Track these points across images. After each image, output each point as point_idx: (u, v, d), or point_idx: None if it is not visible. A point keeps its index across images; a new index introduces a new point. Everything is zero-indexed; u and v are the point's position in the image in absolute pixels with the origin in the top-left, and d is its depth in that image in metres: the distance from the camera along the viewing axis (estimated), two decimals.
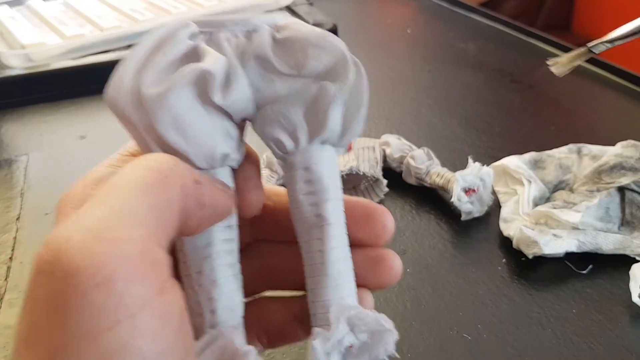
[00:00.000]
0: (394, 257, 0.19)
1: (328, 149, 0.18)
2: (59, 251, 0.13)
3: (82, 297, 0.12)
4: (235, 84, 0.17)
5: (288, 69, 0.17)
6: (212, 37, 0.17)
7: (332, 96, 0.17)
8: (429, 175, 0.39)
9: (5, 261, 0.37)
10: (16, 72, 0.57)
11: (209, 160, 0.17)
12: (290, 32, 0.17)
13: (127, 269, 0.13)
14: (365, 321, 0.17)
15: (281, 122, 0.18)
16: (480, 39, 0.67)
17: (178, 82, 0.16)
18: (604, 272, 0.33)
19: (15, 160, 0.48)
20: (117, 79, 0.17)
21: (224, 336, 0.17)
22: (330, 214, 0.18)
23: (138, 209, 0.14)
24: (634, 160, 0.37)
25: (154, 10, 0.69)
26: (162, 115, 0.16)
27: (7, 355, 0.30)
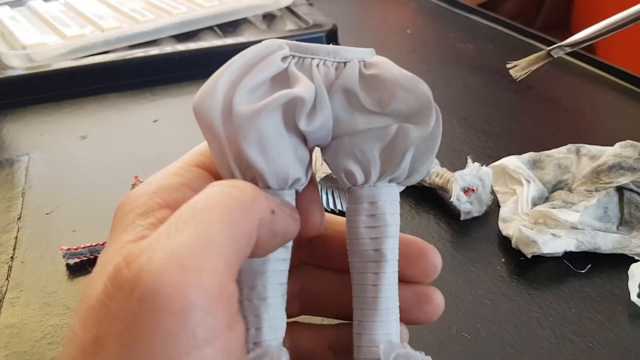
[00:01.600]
0: (440, 295, 0.20)
1: (393, 186, 0.19)
2: (140, 271, 0.13)
3: (157, 323, 0.12)
4: (320, 112, 0.17)
5: (372, 106, 0.18)
6: (303, 62, 0.18)
7: (412, 139, 0.18)
8: (428, 175, 0.40)
9: (6, 261, 0.37)
10: (17, 72, 0.57)
11: (281, 182, 0.18)
12: (379, 71, 0.18)
13: (205, 301, 0.13)
14: None
15: (356, 155, 0.18)
16: (480, 40, 0.68)
17: (271, 104, 0.17)
18: (603, 271, 0.34)
19: (17, 160, 0.49)
20: (208, 89, 0.17)
21: (272, 355, 0.17)
22: (389, 251, 0.18)
23: (221, 239, 0.14)
24: (632, 160, 0.37)
25: (155, 10, 0.69)
26: (250, 133, 0.17)
27: (8, 354, 0.30)
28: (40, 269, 0.36)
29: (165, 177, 0.17)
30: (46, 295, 0.34)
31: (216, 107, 0.17)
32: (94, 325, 0.13)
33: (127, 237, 0.15)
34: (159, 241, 0.13)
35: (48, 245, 0.38)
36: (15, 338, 0.31)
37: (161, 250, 0.13)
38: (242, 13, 0.69)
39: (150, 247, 0.13)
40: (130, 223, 0.16)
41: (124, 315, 0.13)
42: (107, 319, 0.13)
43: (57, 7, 0.72)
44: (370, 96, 0.18)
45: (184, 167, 0.18)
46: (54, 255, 0.37)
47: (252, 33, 0.66)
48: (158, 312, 0.12)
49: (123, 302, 0.13)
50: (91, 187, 0.43)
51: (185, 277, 0.13)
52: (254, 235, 0.15)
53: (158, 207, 0.16)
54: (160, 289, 0.12)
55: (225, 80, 0.17)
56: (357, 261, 0.18)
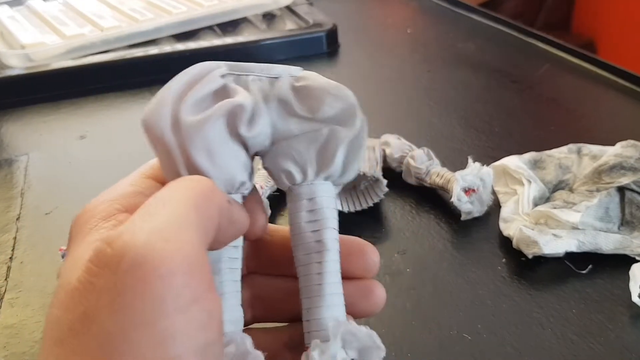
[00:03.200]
0: (381, 288, 0.21)
1: (329, 184, 0.21)
2: (124, 246, 0.14)
3: (144, 288, 0.14)
4: (259, 119, 0.19)
5: (305, 112, 0.20)
6: (239, 78, 0.20)
7: (341, 139, 0.20)
8: (429, 175, 0.39)
9: (5, 261, 0.37)
10: (16, 72, 0.57)
11: (228, 186, 0.19)
12: (308, 82, 0.20)
13: (187, 265, 0.14)
14: (358, 337, 0.19)
15: (294, 156, 0.20)
16: (480, 39, 0.67)
17: (216, 112, 0.19)
18: (604, 272, 0.33)
19: (16, 160, 0.48)
20: (156, 104, 0.19)
21: (236, 341, 0.18)
22: (329, 241, 0.20)
23: (192, 219, 0.15)
24: (633, 160, 0.37)
25: (154, 10, 0.69)
26: (197, 140, 0.18)
27: (7, 355, 0.30)
28: (40, 270, 0.36)
29: (121, 186, 0.19)
30: (45, 295, 0.34)
31: (165, 119, 0.19)
32: (80, 303, 0.14)
33: (93, 237, 0.16)
34: (135, 223, 0.15)
35: (47, 245, 0.38)
36: (14, 338, 0.31)
37: (141, 228, 0.14)
38: (241, 12, 0.69)
39: (129, 229, 0.15)
40: (93, 227, 0.17)
41: (112, 288, 0.14)
42: (93, 295, 0.14)
43: (56, 6, 0.72)
44: (302, 104, 0.20)
45: (138, 179, 0.20)
46: (53, 255, 0.37)
47: (251, 32, 0.66)
48: (145, 278, 0.13)
49: (109, 277, 0.14)
50: (90, 187, 0.43)
51: (166, 246, 0.14)
52: (216, 220, 0.17)
53: (117, 212, 0.17)
54: (146, 258, 0.14)
55: (170, 96, 0.19)
56: (302, 254, 0.20)
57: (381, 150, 0.42)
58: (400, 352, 0.29)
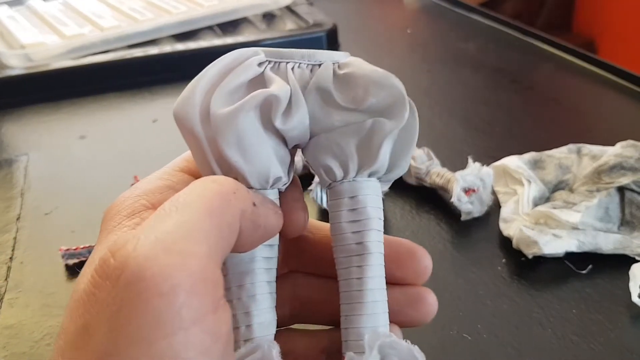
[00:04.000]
0: (433, 296, 0.20)
1: (374, 181, 0.19)
2: (126, 258, 0.13)
3: (144, 305, 0.13)
4: (296, 111, 0.18)
5: (347, 103, 0.18)
6: (278, 66, 0.18)
7: (387, 132, 0.18)
8: (429, 175, 0.39)
9: (5, 261, 0.37)
10: (16, 72, 0.57)
11: (262, 181, 0.18)
12: (352, 69, 0.18)
13: (190, 282, 0.13)
14: (398, 350, 0.17)
15: (334, 151, 0.18)
16: (481, 39, 0.67)
17: (247, 104, 0.17)
18: (604, 272, 0.33)
19: (15, 160, 0.48)
20: (187, 95, 0.18)
21: (263, 349, 0.17)
22: (372, 244, 0.18)
23: (203, 227, 0.14)
24: (633, 160, 0.37)
25: (154, 10, 0.69)
26: (228, 134, 0.17)
27: (7, 355, 0.30)
28: (39, 270, 0.36)
29: (151, 181, 0.18)
30: (45, 296, 0.34)
31: (195, 111, 0.17)
32: (82, 315, 0.14)
33: (114, 237, 0.16)
34: (143, 231, 0.14)
35: (47, 245, 0.38)
36: (14, 339, 0.31)
37: (145, 238, 0.14)
38: (241, 12, 0.69)
39: (134, 237, 0.14)
40: (116, 224, 0.16)
41: (112, 302, 0.13)
42: (94, 308, 0.14)
43: (56, 6, 0.72)
44: (345, 93, 0.18)
45: (169, 172, 0.19)
46: (53, 255, 0.37)
47: (251, 32, 0.66)
48: (145, 294, 0.13)
49: (110, 289, 0.13)
50: (90, 187, 0.43)
51: (170, 260, 0.13)
52: (236, 226, 0.16)
53: (144, 208, 0.17)
54: (147, 272, 0.13)
55: (203, 85, 0.18)
56: (341, 256, 0.19)
57: None
58: None
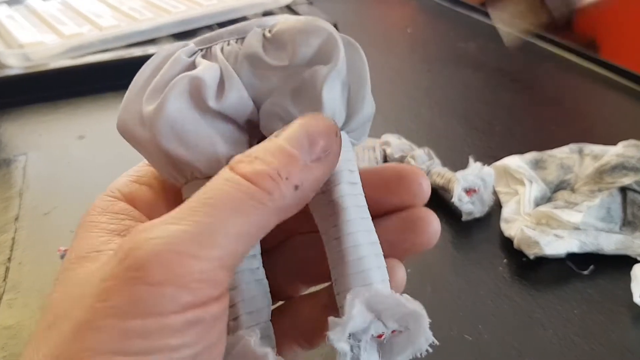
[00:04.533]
0: (432, 215, 0.18)
1: None
2: (136, 246, 0.14)
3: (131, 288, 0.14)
4: (229, 88, 0.17)
5: (279, 61, 0.17)
6: (210, 51, 0.18)
7: (323, 77, 0.17)
8: (430, 175, 0.39)
9: (3, 262, 0.37)
10: (14, 71, 0.57)
11: (214, 165, 0.17)
12: (278, 27, 0.18)
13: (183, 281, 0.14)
14: (388, 303, 0.16)
15: (280, 115, 0.17)
16: (481, 39, 0.67)
17: (171, 92, 0.17)
18: (606, 272, 0.33)
19: (14, 160, 0.48)
20: (124, 104, 0.18)
21: (243, 340, 0.16)
22: (343, 199, 0.17)
23: (221, 232, 0.14)
24: (635, 160, 0.36)
25: (153, 9, 0.69)
26: (161, 127, 0.17)
27: (6, 355, 0.30)
28: (38, 270, 0.36)
29: (118, 179, 0.19)
30: (44, 296, 0.34)
31: (132, 117, 0.17)
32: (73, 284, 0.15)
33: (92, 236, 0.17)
34: (161, 224, 0.15)
35: (46, 246, 0.38)
36: (12, 339, 0.31)
37: (160, 232, 0.14)
38: (241, 11, 0.68)
39: (150, 229, 0.14)
40: (89, 223, 0.17)
41: (105, 277, 0.14)
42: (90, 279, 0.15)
43: (54, 5, 0.72)
44: (277, 53, 0.17)
45: (136, 168, 0.19)
46: (51, 256, 0.36)
47: None
48: (136, 280, 0.14)
49: (112, 266, 0.14)
50: (89, 187, 0.43)
51: (171, 258, 0.14)
52: (270, 226, 0.15)
53: (113, 200, 0.18)
54: (146, 264, 0.14)
55: (137, 90, 0.18)
56: (319, 220, 0.18)
57: (381, 150, 0.42)
58: None
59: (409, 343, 0.16)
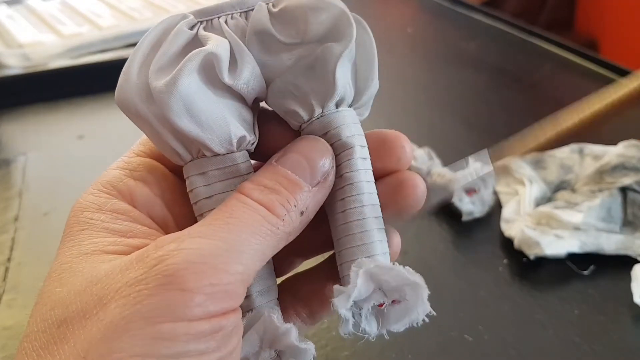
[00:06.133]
0: (417, 177, 0.18)
1: (345, 111, 0.18)
2: (168, 255, 0.15)
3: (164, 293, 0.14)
4: (242, 63, 0.17)
5: (291, 38, 0.17)
6: (211, 24, 0.17)
7: (337, 55, 0.17)
8: (430, 175, 0.39)
9: (3, 262, 0.37)
10: (14, 71, 0.57)
11: (226, 144, 0.17)
12: (286, 3, 0.17)
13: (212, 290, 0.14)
14: (390, 274, 0.17)
15: (292, 92, 0.17)
16: (482, 38, 0.67)
17: (185, 68, 0.16)
18: (606, 272, 0.33)
19: (14, 160, 0.48)
20: (123, 78, 0.17)
21: (264, 316, 0.17)
22: (353, 174, 0.17)
23: (244, 250, 0.15)
24: (636, 160, 0.36)
25: (153, 9, 0.69)
26: (174, 104, 0.16)
27: (5, 356, 0.30)
28: (38, 271, 0.36)
29: (108, 172, 0.18)
30: None
31: (134, 92, 0.17)
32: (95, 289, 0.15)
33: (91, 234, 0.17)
34: (190, 236, 0.15)
35: (45, 246, 0.38)
36: (12, 340, 0.31)
37: (190, 244, 0.15)
38: None
39: (181, 240, 0.15)
40: (87, 221, 0.17)
41: (134, 282, 0.14)
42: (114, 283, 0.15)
43: (54, 5, 0.72)
44: (286, 30, 0.17)
45: (126, 160, 0.19)
46: (51, 256, 0.36)
47: None
48: (169, 285, 0.14)
49: (140, 272, 0.14)
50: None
51: (202, 269, 0.14)
52: (281, 245, 0.17)
53: (108, 199, 0.17)
54: (179, 271, 0.14)
55: (136, 63, 0.17)
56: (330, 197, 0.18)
57: None
58: (401, 353, 0.29)
59: (406, 313, 0.17)
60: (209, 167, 0.17)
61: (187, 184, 0.18)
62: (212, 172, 0.17)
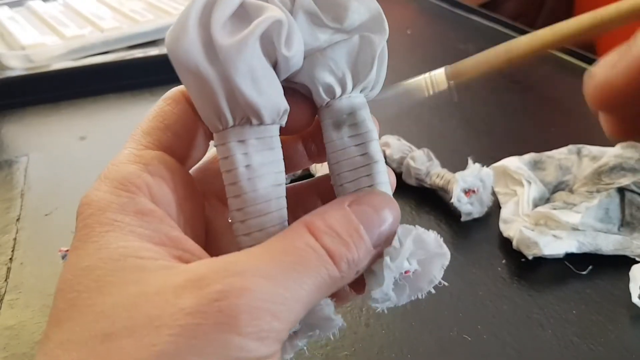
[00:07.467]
0: None
1: (363, 97, 0.19)
2: (232, 296, 0.14)
3: (222, 335, 0.14)
4: (294, 36, 0.17)
5: (332, 22, 0.18)
6: None
7: (377, 46, 0.18)
8: (429, 176, 0.39)
9: (5, 262, 0.37)
10: (16, 73, 0.57)
11: (274, 114, 0.17)
12: None
13: (261, 336, 0.14)
14: (426, 242, 0.18)
15: (331, 67, 0.18)
16: (480, 40, 0.67)
17: (255, 31, 0.16)
18: (604, 273, 0.33)
19: (16, 161, 0.48)
20: (179, 29, 0.16)
21: (319, 306, 0.17)
22: (377, 153, 0.19)
23: (303, 301, 0.16)
24: (633, 161, 0.37)
25: (154, 11, 0.69)
26: (241, 66, 0.16)
27: (7, 356, 0.30)
28: (39, 271, 0.36)
29: (121, 167, 0.17)
30: (45, 296, 0.34)
31: (195, 46, 0.16)
32: (144, 312, 0.14)
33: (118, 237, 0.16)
34: (255, 275, 0.15)
35: (47, 246, 0.38)
36: (14, 340, 0.31)
37: (255, 284, 0.15)
38: None
39: (245, 277, 0.15)
40: (112, 222, 0.16)
41: (197, 312, 0.14)
42: (171, 313, 0.14)
43: (56, 7, 0.72)
44: (327, 13, 0.18)
45: (136, 153, 0.18)
46: (52, 256, 0.37)
47: None
48: (227, 326, 0.14)
49: (201, 301, 0.14)
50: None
51: (261, 317, 0.14)
52: (327, 295, 0.17)
53: (130, 198, 0.16)
54: (241, 314, 0.14)
55: (194, 17, 0.16)
56: (347, 170, 0.19)
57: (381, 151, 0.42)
58: (401, 353, 0.29)
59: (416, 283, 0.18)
60: (250, 135, 0.17)
61: (221, 151, 0.17)
62: (252, 141, 0.17)
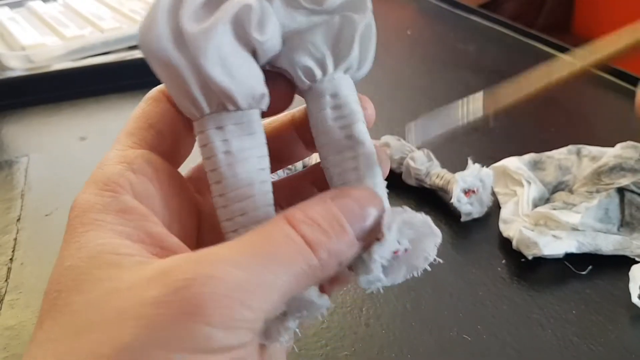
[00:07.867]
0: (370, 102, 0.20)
1: (349, 78, 0.19)
2: (195, 284, 0.14)
3: (184, 324, 0.14)
4: (268, 20, 0.17)
5: (311, 4, 0.18)
6: None
7: (356, 24, 0.18)
8: (429, 176, 0.40)
9: (5, 262, 0.37)
10: (16, 73, 0.57)
11: (249, 99, 0.17)
12: None
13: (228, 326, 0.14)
14: (414, 224, 0.17)
15: (309, 50, 0.18)
16: (480, 41, 0.67)
17: (223, 17, 0.16)
18: (604, 273, 0.33)
19: (16, 161, 0.48)
20: (148, 22, 0.17)
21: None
22: (362, 134, 0.18)
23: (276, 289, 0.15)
24: (633, 162, 0.37)
25: None
26: (210, 52, 0.16)
27: (8, 356, 0.30)
28: (40, 271, 0.36)
29: (105, 169, 0.17)
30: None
31: (164, 36, 0.16)
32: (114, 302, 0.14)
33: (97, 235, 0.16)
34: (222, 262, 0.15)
35: (47, 246, 0.38)
36: (14, 340, 0.31)
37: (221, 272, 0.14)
38: None
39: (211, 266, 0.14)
40: (92, 221, 0.16)
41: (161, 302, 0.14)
42: (134, 298, 0.14)
43: (56, 7, 0.72)
44: None
45: (120, 154, 0.18)
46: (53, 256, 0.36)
47: None
48: (191, 316, 0.14)
49: (166, 291, 0.14)
50: None
51: (228, 305, 0.14)
52: (308, 287, 0.16)
53: (112, 198, 0.17)
54: (205, 303, 0.14)
55: (164, 7, 0.17)
56: (333, 152, 0.18)
57: None
58: (400, 353, 0.29)
59: (409, 261, 0.18)
60: (228, 121, 0.17)
61: (200, 139, 0.17)
62: (230, 127, 0.17)
